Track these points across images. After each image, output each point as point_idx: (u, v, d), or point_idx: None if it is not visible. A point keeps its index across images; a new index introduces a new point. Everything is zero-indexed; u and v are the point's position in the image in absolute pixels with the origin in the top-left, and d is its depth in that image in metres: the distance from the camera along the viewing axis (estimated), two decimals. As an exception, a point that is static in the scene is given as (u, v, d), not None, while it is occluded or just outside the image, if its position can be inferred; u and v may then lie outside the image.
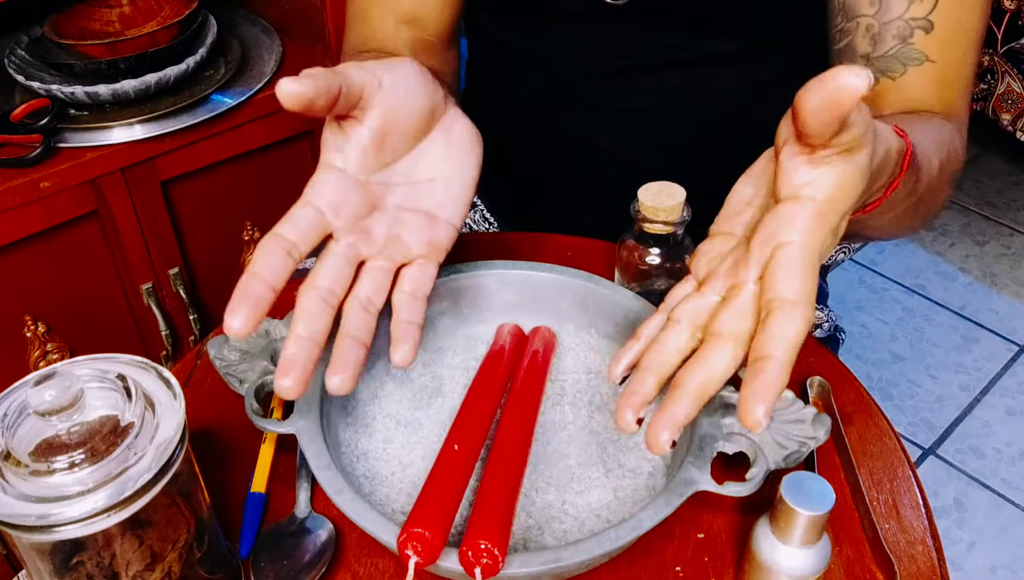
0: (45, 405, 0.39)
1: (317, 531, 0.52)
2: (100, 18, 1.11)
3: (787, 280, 0.38)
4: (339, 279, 0.47)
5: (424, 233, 0.51)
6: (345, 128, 0.48)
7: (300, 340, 0.44)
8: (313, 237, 0.46)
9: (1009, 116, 1.88)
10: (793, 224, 0.39)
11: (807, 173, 0.39)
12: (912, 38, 0.63)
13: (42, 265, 1.03)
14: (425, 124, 0.51)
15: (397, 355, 0.47)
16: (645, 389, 0.42)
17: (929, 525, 0.54)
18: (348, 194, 0.48)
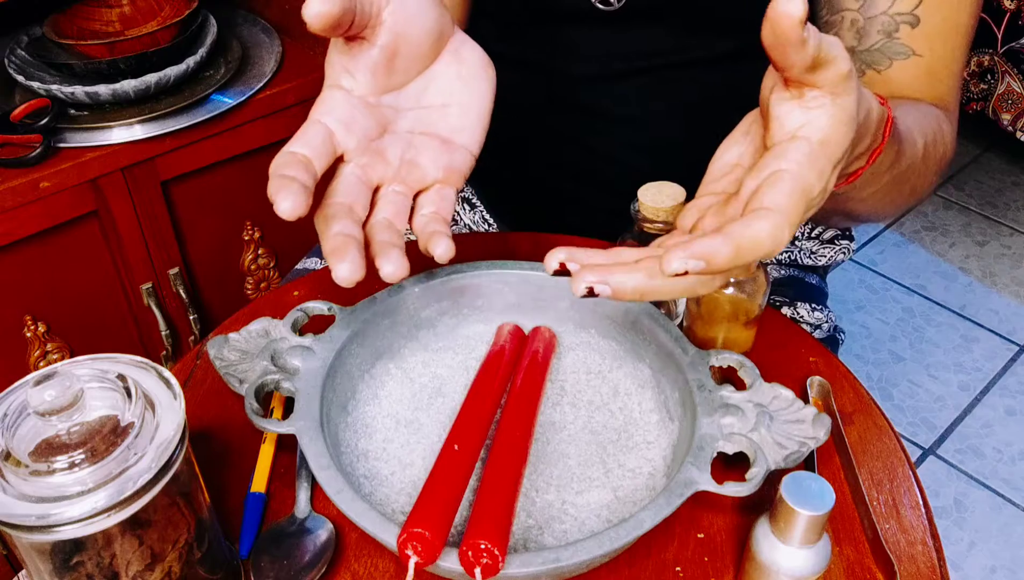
0: (45, 405, 0.39)
1: (317, 531, 0.52)
2: (100, 18, 1.11)
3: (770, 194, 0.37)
4: (357, 198, 0.46)
5: (441, 157, 0.49)
6: (353, 48, 0.46)
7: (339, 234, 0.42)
8: (326, 154, 0.45)
9: (1009, 116, 1.88)
10: (786, 156, 0.39)
11: (800, 116, 0.39)
12: (898, 33, 0.63)
13: (42, 265, 1.03)
14: (434, 46, 0.49)
15: (439, 248, 0.45)
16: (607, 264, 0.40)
17: (929, 525, 0.54)
18: (357, 114, 0.46)
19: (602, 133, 0.76)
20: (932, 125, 0.59)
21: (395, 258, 0.44)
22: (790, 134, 0.40)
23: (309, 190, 0.41)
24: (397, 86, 0.49)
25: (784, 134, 0.40)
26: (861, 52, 0.66)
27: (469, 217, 0.88)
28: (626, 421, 0.57)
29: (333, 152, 0.45)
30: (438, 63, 0.50)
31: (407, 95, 0.49)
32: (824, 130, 0.39)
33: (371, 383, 0.59)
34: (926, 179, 0.61)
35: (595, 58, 0.73)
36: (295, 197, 0.40)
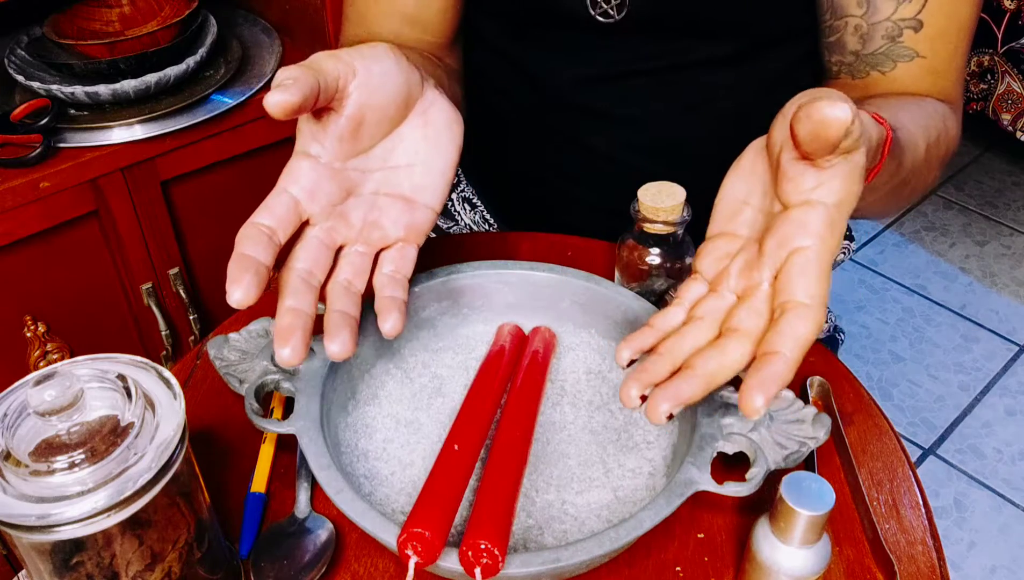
0: (45, 405, 0.39)
1: (317, 531, 0.52)
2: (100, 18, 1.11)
3: (802, 284, 0.40)
4: (318, 261, 0.47)
5: (402, 217, 0.51)
6: (321, 119, 0.48)
7: (291, 310, 0.44)
8: (290, 223, 0.46)
9: (1009, 116, 1.88)
10: (807, 229, 0.41)
11: (814, 178, 0.41)
12: (901, 37, 0.63)
13: (42, 265, 1.03)
14: (401, 108, 0.51)
15: (387, 325, 0.47)
16: (656, 371, 0.42)
17: (929, 525, 0.54)
18: (323, 181, 0.48)
19: (602, 133, 0.76)
20: (935, 123, 0.59)
21: (344, 339, 0.45)
22: (805, 197, 0.41)
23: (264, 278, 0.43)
24: (364, 150, 0.50)
25: (799, 195, 0.42)
26: (865, 55, 0.66)
27: (469, 217, 0.88)
28: (626, 421, 0.57)
29: (298, 220, 0.47)
30: (405, 125, 0.51)
31: (373, 157, 0.51)
32: (838, 193, 0.41)
33: (371, 383, 0.59)
34: (928, 177, 0.61)
35: (595, 60, 0.73)
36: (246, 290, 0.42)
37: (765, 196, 0.46)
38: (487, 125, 0.86)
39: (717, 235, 0.48)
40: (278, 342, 0.43)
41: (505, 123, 0.83)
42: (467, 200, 0.89)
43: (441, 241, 0.77)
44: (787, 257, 0.41)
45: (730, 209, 0.48)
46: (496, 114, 0.83)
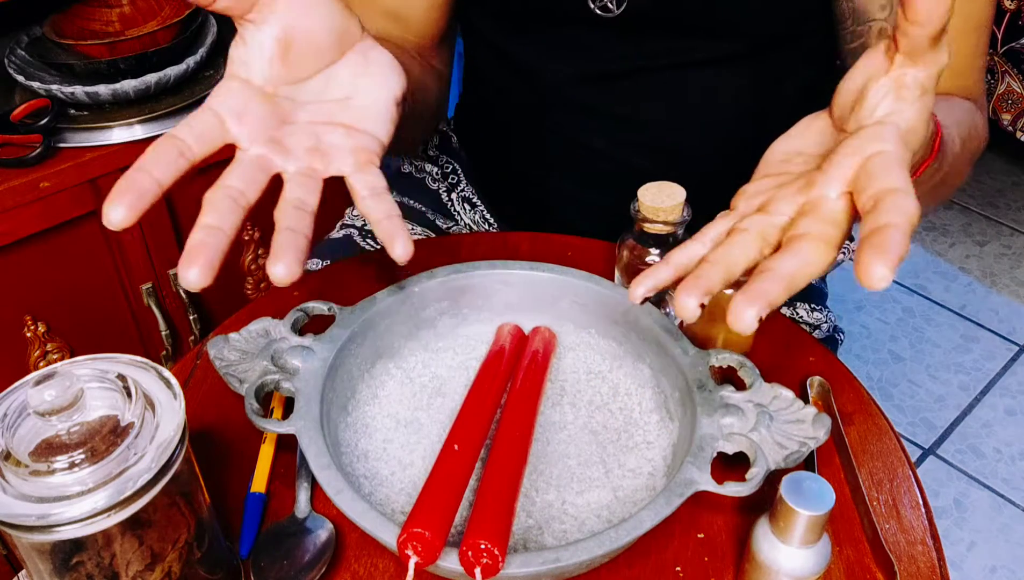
0: (45, 405, 0.39)
1: (317, 531, 0.52)
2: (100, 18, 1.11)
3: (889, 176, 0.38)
4: (251, 182, 0.45)
5: (346, 142, 0.49)
6: (247, 39, 0.47)
7: (207, 228, 0.42)
8: (210, 141, 0.45)
9: (1009, 116, 1.88)
10: (883, 138, 0.40)
11: (890, 105, 0.41)
12: None
13: (42, 265, 1.03)
14: (336, 45, 0.50)
15: (397, 249, 0.46)
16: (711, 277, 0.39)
17: (929, 525, 0.54)
18: (251, 102, 0.47)
19: (601, 132, 0.76)
20: (967, 120, 0.60)
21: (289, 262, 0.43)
22: (878, 120, 0.41)
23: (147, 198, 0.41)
24: (295, 79, 0.49)
25: (872, 119, 0.42)
26: None
27: (469, 216, 0.88)
28: (626, 421, 0.57)
29: (219, 139, 0.46)
30: (341, 63, 0.50)
31: (307, 90, 0.50)
32: (910, 121, 0.41)
33: (371, 383, 0.59)
34: (963, 173, 0.62)
35: (595, 58, 0.73)
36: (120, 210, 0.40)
37: (821, 145, 0.46)
38: (487, 124, 0.86)
39: (762, 176, 0.46)
40: (183, 261, 0.41)
41: (505, 122, 0.83)
42: (467, 200, 0.89)
43: (441, 241, 0.77)
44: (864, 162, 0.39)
45: (778, 159, 0.46)
46: (496, 113, 0.83)
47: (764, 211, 0.42)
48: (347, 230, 0.85)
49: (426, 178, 0.90)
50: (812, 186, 0.41)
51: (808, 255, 0.38)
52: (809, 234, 0.38)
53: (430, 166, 0.91)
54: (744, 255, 0.40)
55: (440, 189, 0.89)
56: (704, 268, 0.40)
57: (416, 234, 0.85)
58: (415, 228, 0.85)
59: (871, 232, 0.36)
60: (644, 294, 0.43)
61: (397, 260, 0.46)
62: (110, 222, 0.41)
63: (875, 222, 0.36)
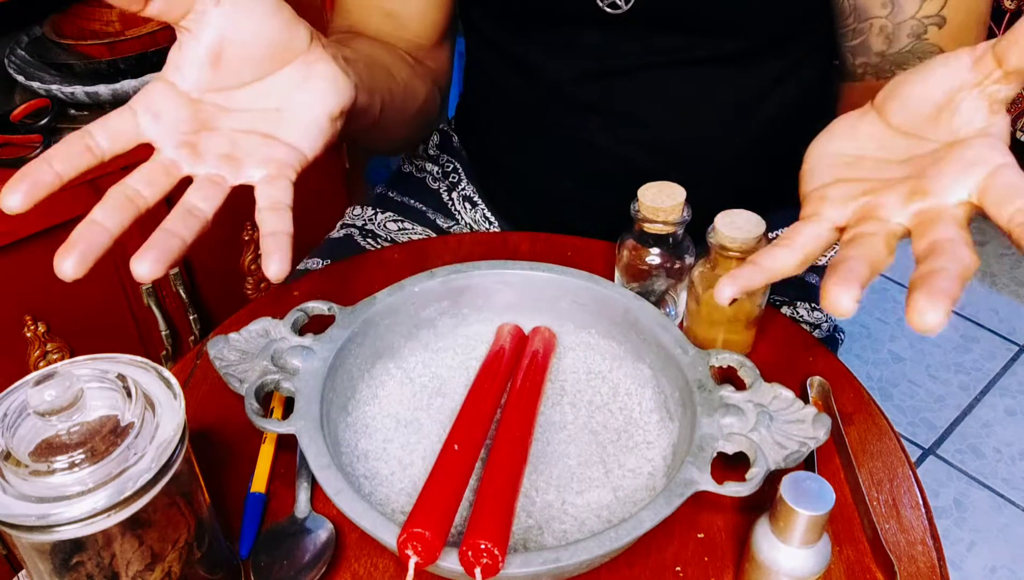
0: (45, 405, 0.39)
1: (317, 531, 0.52)
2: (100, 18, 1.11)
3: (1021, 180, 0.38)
4: (151, 184, 0.46)
5: (261, 151, 0.49)
6: (182, 44, 0.47)
7: (92, 224, 0.43)
8: (122, 139, 0.46)
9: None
10: (999, 151, 0.41)
11: (985, 117, 0.42)
12: (926, 34, 0.64)
13: (42, 265, 1.03)
14: (274, 56, 0.49)
15: (271, 268, 0.44)
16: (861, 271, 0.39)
17: (929, 525, 0.54)
18: (173, 105, 0.47)
19: (603, 130, 0.76)
20: None
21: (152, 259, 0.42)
22: (982, 131, 0.42)
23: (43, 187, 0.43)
24: (227, 87, 0.49)
25: (971, 128, 0.42)
26: (891, 55, 0.66)
27: (470, 216, 0.88)
28: (626, 421, 0.57)
29: (132, 137, 0.46)
30: (281, 75, 0.50)
31: (239, 98, 0.49)
32: (1006, 134, 0.42)
33: (371, 383, 0.59)
34: None
35: (597, 57, 0.73)
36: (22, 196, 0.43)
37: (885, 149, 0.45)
38: (488, 123, 0.86)
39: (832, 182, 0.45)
40: (61, 252, 0.42)
41: (506, 121, 0.83)
42: (467, 198, 0.89)
43: (441, 241, 0.77)
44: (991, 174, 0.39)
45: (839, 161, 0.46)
46: (497, 112, 0.83)
47: (873, 218, 0.42)
48: (347, 230, 0.85)
49: (427, 177, 0.90)
50: (926, 194, 0.41)
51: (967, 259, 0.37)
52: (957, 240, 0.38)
53: (431, 165, 0.91)
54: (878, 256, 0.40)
55: (440, 188, 0.89)
56: (852, 263, 0.39)
57: (416, 234, 0.85)
58: (415, 227, 0.85)
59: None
60: (732, 295, 0.42)
61: (270, 277, 0.45)
62: (6, 207, 0.42)
63: None
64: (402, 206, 0.87)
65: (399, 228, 0.85)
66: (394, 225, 0.85)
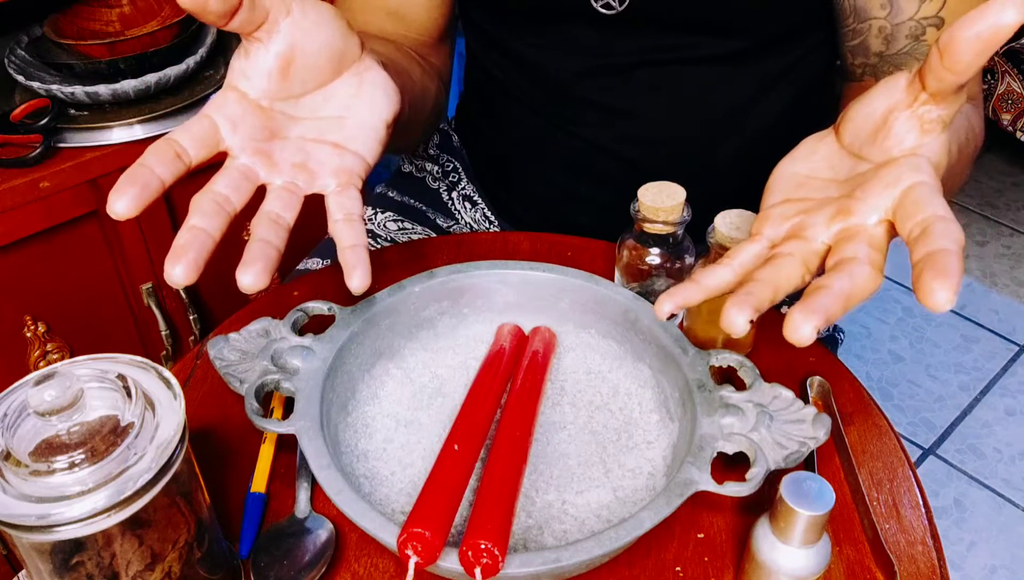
0: (45, 405, 0.39)
1: (317, 531, 0.52)
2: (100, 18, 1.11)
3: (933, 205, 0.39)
4: (236, 190, 0.47)
5: (331, 160, 0.50)
6: (250, 52, 0.48)
7: (194, 229, 0.44)
8: (205, 146, 0.46)
9: (1009, 116, 1.88)
10: (920, 170, 0.41)
11: (916, 137, 0.42)
12: (924, 35, 0.64)
13: (42, 265, 1.03)
14: (335, 64, 0.51)
15: (354, 282, 0.46)
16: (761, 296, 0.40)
17: (929, 525, 0.54)
18: (247, 113, 0.48)
19: (603, 129, 0.76)
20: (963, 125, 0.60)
21: (257, 271, 0.44)
22: (910, 151, 0.42)
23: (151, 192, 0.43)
24: (293, 96, 0.50)
25: (901, 149, 0.43)
26: (889, 56, 0.66)
27: (470, 215, 0.88)
28: (626, 421, 0.57)
29: (213, 146, 0.47)
30: (339, 82, 0.51)
31: (303, 106, 0.51)
32: (936, 155, 0.42)
33: (371, 383, 0.59)
34: (961, 178, 0.63)
35: (596, 55, 0.73)
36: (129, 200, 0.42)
37: (833, 169, 0.46)
38: (488, 122, 0.86)
39: (780, 202, 0.46)
40: (169, 259, 0.42)
41: (506, 119, 0.83)
42: (467, 198, 0.89)
43: (441, 241, 0.77)
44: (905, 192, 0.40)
45: (792, 182, 0.47)
46: (497, 110, 0.83)
47: (799, 237, 0.43)
48: (347, 230, 0.85)
49: (426, 177, 0.90)
50: (849, 214, 0.42)
51: (860, 277, 0.39)
52: (859, 258, 0.40)
53: (430, 165, 0.91)
54: (788, 278, 0.42)
55: (440, 188, 0.89)
56: (754, 285, 0.41)
57: (416, 234, 0.85)
58: (415, 227, 0.85)
59: (927, 255, 0.37)
60: (671, 311, 0.44)
61: (352, 290, 0.46)
62: (115, 212, 0.42)
63: (928, 247, 0.37)
64: (402, 206, 0.87)
65: (399, 228, 0.85)
66: (394, 225, 0.85)
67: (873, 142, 0.44)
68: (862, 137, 0.45)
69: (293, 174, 0.49)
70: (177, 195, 1.10)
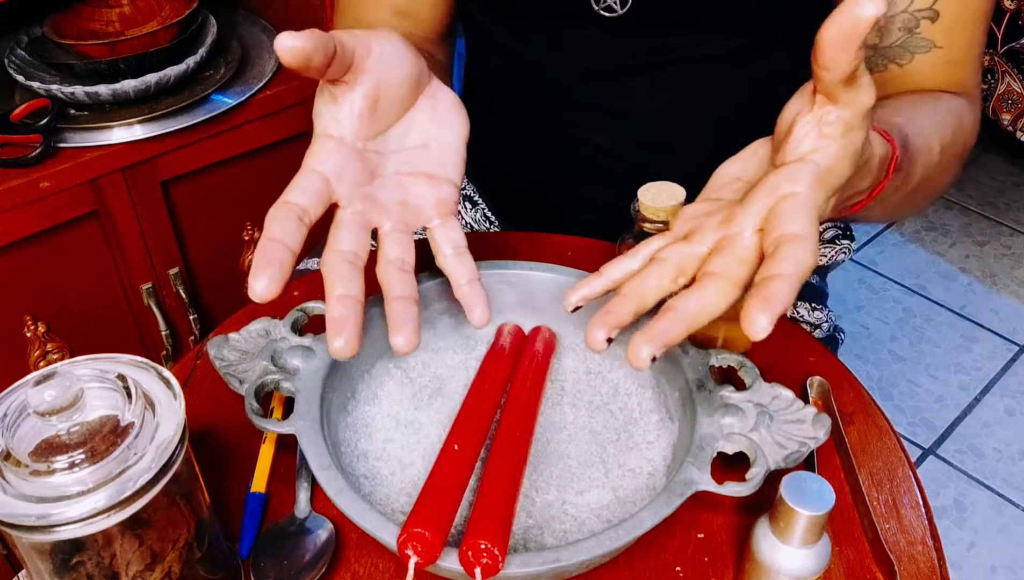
0: (45, 405, 0.39)
1: (317, 531, 0.52)
2: (100, 18, 1.11)
3: (794, 221, 0.39)
4: (359, 242, 0.47)
5: (430, 193, 0.51)
6: (337, 96, 0.48)
7: (343, 298, 0.44)
8: (320, 203, 0.46)
9: (1009, 116, 1.88)
10: (798, 179, 0.41)
11: (813, 141, 0.42)
12: (918, 28, 0.64)
13: (42, 265, 1.03)
14: (413, 92, 0.51)
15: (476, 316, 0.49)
16: (622, 312, 0.41)
17: (929, 525, 0.54)
18: (348, 161, 0.48)
19: (603, 129, 0.76)
20: (951, 122, 0.60)
21: (408, 333, 0.46)
22: (800, 156, 0.42)
23: (288, 267, 0.43)
24: (380, 131, 0.50)
25: (795, 155, 0.42)
26: (883, 48, 0.66)
27: (471, 215, 0.88)
28: (626, 421, 0.57)
29: (328, 200, 0.47)
30: (415, 108, 0.52)
31: (389, 139, 0.51)
32: (830, 159, 0.41)
33: (371, 383, 0.59)
34: (944, 179, 0.62)
35: (596, 56, 0.73)
36: (269, 282, 0.42)
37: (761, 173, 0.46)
38: (488, 121, 0.86)
39: (700, 200, 0.47)
40: (333, 333, 0.43)
41: (507, 119, 0.83)
42: (468, 197, 0.89)
43: (441, 241, 0.77)
44: (775, 203, 0.40)
45: (720, 183, 0.48)
46: (497, 110, 0.83)
47: (688, 240, 0.43)
48: (347, 230, 0.85)
49: (426, 178, 0.90)
50: (731, 221, 0.42)
51: (710, 295, 0.39)
52: (716, 274, 0.40)
53: (430, 166, 0.91)
54: (658, 287, 0.42)
55: (440, 189, 0.89)
56: (616, 302, 0.42)
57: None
58: (415, 228, 0.85)
59: (761, 281, 0.37)
60: (576, 304, 0.45)
61: (475, 325, 0.49)
62: (257, 295, 0.42)
63: (766, 271, 0.38)
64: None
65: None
66: None
67: (780, 148, 0.44)
68: (777, 142, 0.45)
69: (401, 212, 0.50)
70: (178, 194, 1.10)
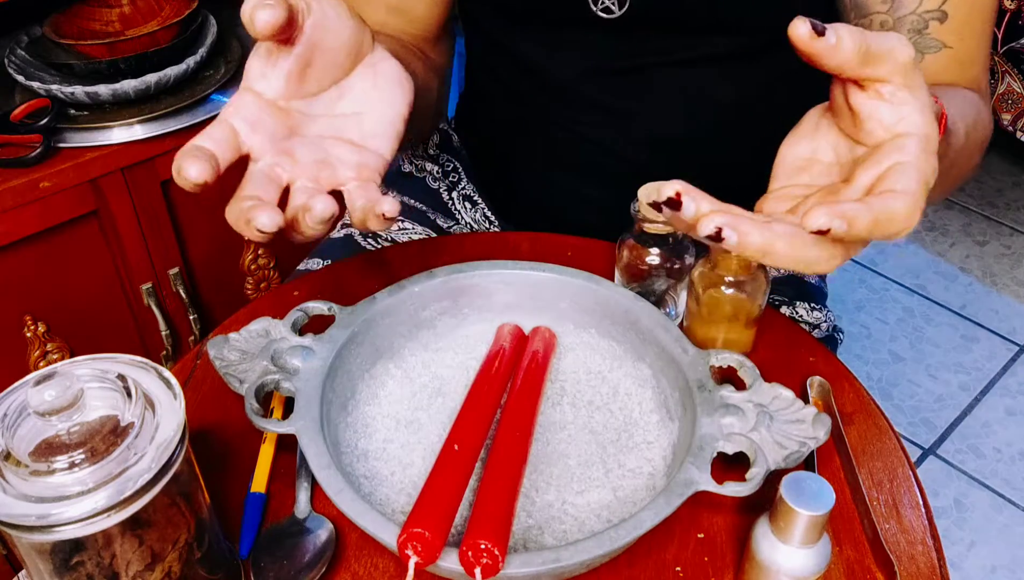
0: (45, 405, 0.39)
1: (317, 531, 0.52)
2: (100, 18, 1.11)
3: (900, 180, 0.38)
4: (267, 193, 0.46)
5: (351, 157, 0.50)
6: (272, 55, 0.47)
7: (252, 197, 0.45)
8: (229, 150, 0.46)
9: (1009, 116, 1.88)
10: (904, 149, 0.40)
11: (892, 112, 0.41)
12: (927, 29, 0.64)
13: (42, 265, 1.03)
14: (350, 59, 0.50)
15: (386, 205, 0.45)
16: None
17: (929, 525, 0.54)
18: (264, 115, 0.47)
19: (603, 129, 0.76)
20: (971, 111, 0.60)
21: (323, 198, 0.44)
22: (893, 131, 0.41)
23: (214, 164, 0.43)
24: (310, 94, 0.50)
25: (887, 131, 0.41)
26: None
27: (470, 215, 0.88)
28: (626, 421, 0.57)
29: (237, 149, 0.46)
30: (353, 76, 0.51)
31: (320, 103, 0.50)
32: (920, 125, 0.41)
33: (371, 383, 0.59)
34: (970, 163, 0.61)
35: (596, 57, 0.73)
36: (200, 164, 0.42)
37: (835, 151, 0.45)
38: (488, 121, 0.86)
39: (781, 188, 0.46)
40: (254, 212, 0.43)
41: (506, 118, 0.83)
42: (468, 198, 0.89)
43: (441, 241, 0.77)
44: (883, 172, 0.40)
45: (794, 166, 0.46)
46: (497, 109, 0.83)
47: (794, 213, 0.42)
48: (347, 230, 0.85)
49: (426, 177, 0.90)
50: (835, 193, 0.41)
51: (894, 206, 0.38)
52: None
53: (430, 165, 0.91)
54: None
55: (441, 188, 0.89)
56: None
57: (416, 234, 0.85)
58: (415, 227, 0.85)
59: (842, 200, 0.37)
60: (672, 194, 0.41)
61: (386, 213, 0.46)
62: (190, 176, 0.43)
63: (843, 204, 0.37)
64: (402, 206, 0.87)
65: (399, 228, 0.85)
66: (394, 225, 0.85)
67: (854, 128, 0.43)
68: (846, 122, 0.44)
69: (316, 170, 0.48)
70: (177, 194, 1.10)
